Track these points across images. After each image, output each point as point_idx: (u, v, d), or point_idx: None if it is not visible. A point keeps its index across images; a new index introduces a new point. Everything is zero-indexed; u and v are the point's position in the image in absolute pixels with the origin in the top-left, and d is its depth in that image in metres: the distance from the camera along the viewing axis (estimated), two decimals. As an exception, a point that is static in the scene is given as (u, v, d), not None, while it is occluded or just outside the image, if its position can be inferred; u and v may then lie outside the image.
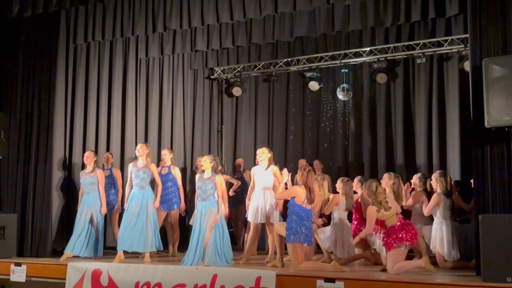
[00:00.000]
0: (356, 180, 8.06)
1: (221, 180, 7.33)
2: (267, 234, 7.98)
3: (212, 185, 7.22)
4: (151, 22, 8.61)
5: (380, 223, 6.67)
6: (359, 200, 7.85)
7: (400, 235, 6.40)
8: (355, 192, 7.99)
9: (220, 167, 8.74)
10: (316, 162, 10.29)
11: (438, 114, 10.12)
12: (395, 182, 7.53)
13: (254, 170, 7.90)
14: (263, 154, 7.75)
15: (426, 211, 7.16)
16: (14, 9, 8.45)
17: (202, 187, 7.27)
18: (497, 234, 5.48)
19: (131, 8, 8.73)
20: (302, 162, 10.00)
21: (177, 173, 8.69)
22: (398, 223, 6.47)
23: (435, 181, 7.21)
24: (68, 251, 7.94)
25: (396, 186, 7.51)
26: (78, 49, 9.24)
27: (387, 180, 7.56)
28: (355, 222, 7.84)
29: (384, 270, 6.58)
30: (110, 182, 8.62)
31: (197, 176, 7.50)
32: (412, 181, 7.83)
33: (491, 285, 5.36)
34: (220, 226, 7.26)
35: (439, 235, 7.02)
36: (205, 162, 7.33)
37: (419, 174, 7.90)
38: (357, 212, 7.87)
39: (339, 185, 7.73)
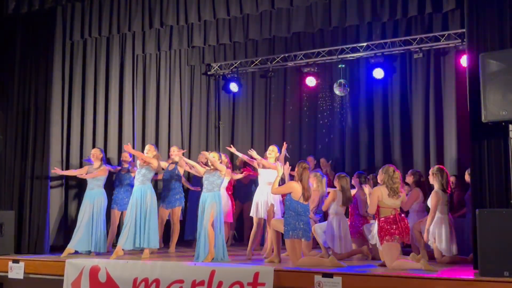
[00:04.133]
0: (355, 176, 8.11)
1: (224, 170, 7.50)
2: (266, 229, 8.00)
3: (218, 176, 7.38)
4: (147, 18, 8.59)
5: (376, 210, 6.58)
6: (356, 195, 7.88)
7: (391, 229, 6.38)
8: (353, 187, 8.00)
9: (230, 164, 8.96)
10: (322, 160, 10.35)
11: (435, 109, 10.12)
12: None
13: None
14: (273, 152, 7.85)
15: (430, 211, 7.14)
16: (10, 5, 8.43)
17: (209, 178, 7.42)
18: (494, 228, 5.50)
19: (128, 4, 8.69)
20: (310, 159, 10.04)
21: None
22: (392, 216, 6.44)
23: (432, 176, 7.22)
24: (71, 246, 7.95)
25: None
26: (75, 46, 9.20)
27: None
28: (352, 217, 7.87)
29: (382, 265, 6.59)
30: (129, 178, 8.71)
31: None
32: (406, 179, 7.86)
33: (488, 279, 5.38)
34: (218, 221, 7.31)
35: (437, 230, 7.03)
36: (214, 158, 7.47)
37: (412, 170, 7.95)
38: (353, 207, 7.88)
39: (336, 180, 7.73)
